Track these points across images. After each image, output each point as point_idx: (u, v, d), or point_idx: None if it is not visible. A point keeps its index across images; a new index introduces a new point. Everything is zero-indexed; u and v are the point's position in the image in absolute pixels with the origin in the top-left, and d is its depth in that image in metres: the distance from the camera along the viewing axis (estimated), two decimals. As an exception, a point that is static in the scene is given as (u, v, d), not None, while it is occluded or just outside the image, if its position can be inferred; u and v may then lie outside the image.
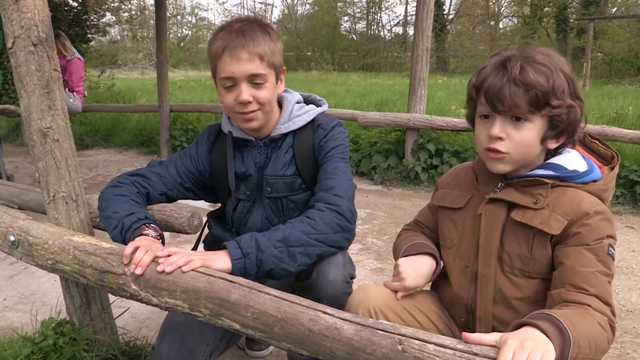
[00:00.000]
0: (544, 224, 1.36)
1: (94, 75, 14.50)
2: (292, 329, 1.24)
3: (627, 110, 7.94)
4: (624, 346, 2.50)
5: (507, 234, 1.43)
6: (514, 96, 1.32)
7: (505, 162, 1.41)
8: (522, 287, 1.42)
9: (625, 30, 26.51)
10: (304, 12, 44.95)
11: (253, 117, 1.74)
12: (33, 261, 1.80)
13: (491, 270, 1.45)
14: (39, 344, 1.90)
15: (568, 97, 1.35)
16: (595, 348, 1.14)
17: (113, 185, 1.80)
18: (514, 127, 1.37)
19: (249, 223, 1.91)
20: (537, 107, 1.33)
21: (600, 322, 1.19)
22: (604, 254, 1.31)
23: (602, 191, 1.41)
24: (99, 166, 6.96)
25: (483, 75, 1.39)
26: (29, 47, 1.65)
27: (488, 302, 1.47)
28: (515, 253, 1.41)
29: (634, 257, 3.65)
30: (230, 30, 1.69)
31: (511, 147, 1.38)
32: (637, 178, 4.78)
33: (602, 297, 1.25)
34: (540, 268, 1.39)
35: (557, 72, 1.34)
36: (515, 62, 1.34)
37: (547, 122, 1.36)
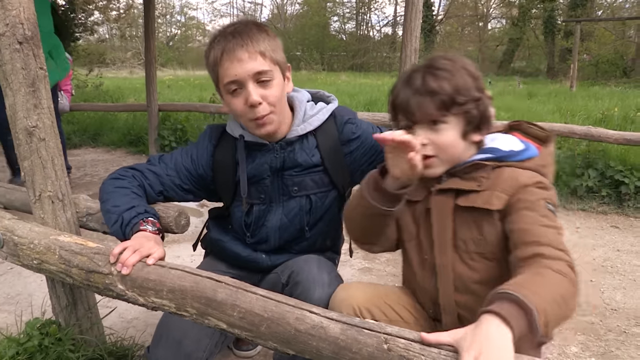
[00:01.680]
0: (486, 202, 1.43)
1: (82, 74, 14.38)
2: (278, 328, 1.25)
3: (613, 111, 8.01)
4: (608, 344, 2.52)
5: (457, 221, 1.49)
6: (422, 105, 1.44)
7: (435, 166, 1.49)
8: (481, 271, 1.47)
9: (611, 33, 26.78)
10: (293, 12, 44.98)
11: (267, 121, 1.68)
12: (18, 261, 1.79)
13: (448, 259, 1.50)
14: (24, 345, 1.88)
15: (474, 91, 1.45)
16: (564, 300, 1.16)
17: (114, 177, 1.78)
18: (433, 132, 1.46)
19: (266, 223, 1.87)
20: (446, 109, 1.43)
21: (559, 268, 1.20)
22: (544, 209, 1.37)
23: (540, 166, 1.48)
24: (87, 166, 6.92)
25: (395, 93, 1.53)
26: (14, 45, 1.64)
27: (450, 291, 1.52)
28: (468, 237, 1.47)
29: (619, 257, 3.69)
30: (225, 34, 1.65)
31: (436, 149, 1.46)
32: (622, 178, 4.82)
33: (554, 245, 1.28)
34: (494, 247, 1.44)
35: (460, 71, 1.45)
36: (417, 74, 1.47)
37: (462, 119, 1.46)
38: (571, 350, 2.47)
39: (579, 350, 2.47)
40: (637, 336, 2.60)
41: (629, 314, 2.83)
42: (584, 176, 5.01)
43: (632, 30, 28.04)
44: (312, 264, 1.73)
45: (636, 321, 2.75)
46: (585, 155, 5.21)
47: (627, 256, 3.71)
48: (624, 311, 2.87)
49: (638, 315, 2.82)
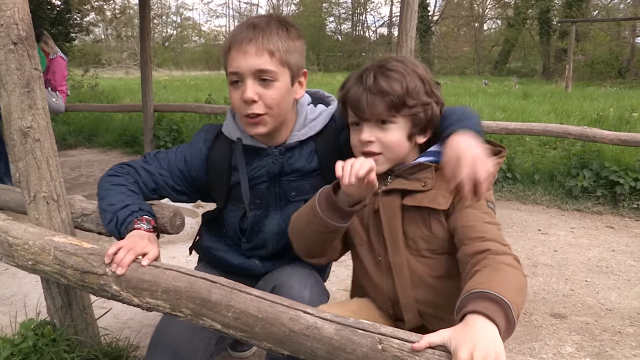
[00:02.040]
0: (433, 201, 1.47)
1: (77, 74, 14.35)
2: (272, 328, 1.25)
3: (608, 111, 8.05)
4: (603, 344, 2.53)
5: (406, 220, 1.52)
6: (372, 104, 1.48)
7: (380, 163, 1.52)
8: (435, 266, 1.52)
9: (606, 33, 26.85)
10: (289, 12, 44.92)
11: (259, 122, 1.62)
12: (13, 262, 1.78)
13: (402, 257, 1.54)
14: (18, 345, 1.88)
15: (424, 95, 1.49)
16: (522, 291, 1.22)
17: (110, 174, 1.76)
18: (381, 130, 1.51)
19: (263, 229, 1.82)
20: (396, 110, 1.47)
21: (510, 262, 1.27)
22: (485, 207, 1.45)
23: None
24: (82, 166, 6.91)
25: (346, 88, 1.56)
26: (9, 46, 1.64)
27: (408, 289, 1.55)
28: (417, 236, 1.51)
29: (614, 257, 3.70)
30: (245, 25, 1.61)
31: (382, 148, 1.51)
32: (617, 179, 4.84)
33: (497, 240, 1.35)
34: (444, 243, 1.49)
35: (411, 75, 1.49)
36: (369, 73, 1.51)
37: (410, 121, 1.50)
38: (566, 350, 2.48)
39: (573, 350, 2.47)
40: (631, 336, 2.61)
41: (623, 314, 2.84)
42: (579, 176, 5.02)
43: (627, 31, 28.12)
44: (294, 280, 1.70)
45: (631, 321, 2.76)
46: (581, 155, 5.23)
47: (621, 256, 3.72)
48: (618, 311, 2.88)
49: (632, 315, 2.83)
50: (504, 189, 5.38)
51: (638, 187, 4.79)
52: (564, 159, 5.41)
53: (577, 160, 5.22)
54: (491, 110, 9.47)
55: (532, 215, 4.73)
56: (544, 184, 5.35)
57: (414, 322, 1.57)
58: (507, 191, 5.35)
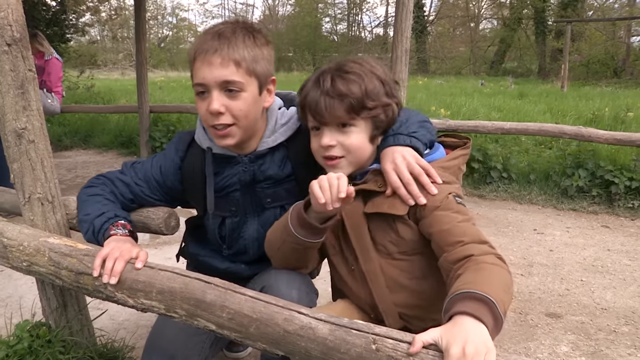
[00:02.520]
0: (391, 207, 1.46)
1: (73, 75, 14.32)
2: (267, 329, 1.25)
3: (604, 111, 8.07)
4: (598, 343, 2.54)
5: (372, 226, 1.52)
6: (331, 107, 1.46)
7: (342, 167, 1.52)
8: (408, 268, 1.51)
9: (601, 33, 26.91)
10: (284, 13, 44.97)
11: (227, 134, 1.59)
12: (8, 263, 1.78)
13: (374, 264, 1.53)
14: (13, 347, 1.87)
15: (384, 97, 1.48)
16: (508, 288, 1.21)
17: (87, 186, 1.77)
18: (341, 134, 1.49)
19: (243, 235, 1.81)
20: (355, 113, 1.46)
21: (493, 262, 1.25)
22: (455, 204, 1.42)
23: (442, 169, 1.50)
24: (78, 167, 6.90)
25: (304, 92, 1.54)
26: (3, 47, 1.64)
27: (385, 294, 1.54)
28: (386, 240, 1.50)
29: (609, 256, 3.71)
30: (209, 33, 1.56)
31: (344, 150, 1.50)
32: (612, 178, 4.85)
33: (476, 240, 1.33)
34: (414, 244, 1.48)
35: (369, 76, 1.47)
36: (326, 75, 1.48)
37: (370, 123, 1.49)
38: (561, 349, 2.48)
39: (569, 350, 2.48)
40: (626, 335, 2.62)
41: (618, 313, 2.85)
42: (575, 176, 5.03)
43: (622, 31, 28.18)
44: (281, 281, 1.66)
45: (626, 320, 2.77)
46: (576, 155, 5.24)
47: (617, 255, 3.73)
48: (614, 310, 2.89)
49: (628, 314, 2.84)
50: (500, 189, 5.39)
51: (633, 187, 4.80)
52: (559, 159, 5.43)
53: (572, 160, 5.23)
54: (487, 110, 9.48)
55: (528, 215, 4.74)
56: (539, 183, 5.36)
57: (395, 325, 1.55)
58: (503, 191, 5.36)
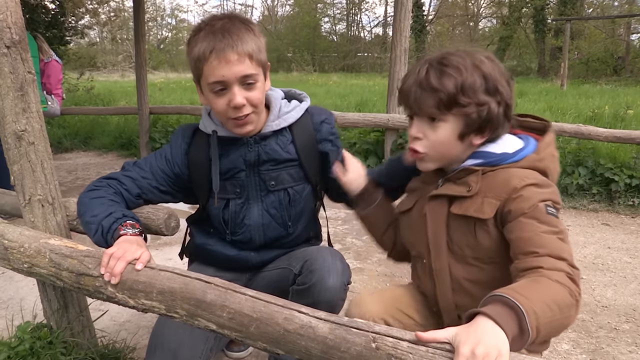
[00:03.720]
0: (478, 210, 1.40)
1: (72, 77, 14.34)
2: (267, 328, 1.25)
3: (603, 109, 8.04)
4: (599, 341, 2.54)
5: (452, 227, 1.48)
6: (420, 99, 1.41)
7: (427, 161, 1.49)
8: (478, 274, 1.46)
9: (601, 31, 26.90)
10: (284, 13, 44.98)
11: (247, 121, 1.70)
12: (9, 265, 1.78)
13: (443, 263, 1.50)
14: (15, 348, 1.88)
15: (482, 94, 1.38)
16: (558, 307, 1.14)
17: (89, 190, 1.77)
18: (430, 127, 1.44)
19: (246, 220, 1.86)
20: (445, 108, 1.39)
21: (558, 279, 1.18)
22: (544, 214, 1.32)
23: (536, 162, 1.45)
24: (78, 169, 6.91)
25: (404, 79, 1.48)
26: (2, 50, 1.64)
27: (448, 294, 1.52)
28: (463, 243, 1.45)
29: (610, 254, 3.71)
30: (213, 30, 1.60)
31: (428, 146, 1.45)
32: (613, 176, 4.85)
33: (554, 254, 1.24)
34: (491, 252, 1.42)
35: (470, 71, 1.38)
36: (423, 65, 1.42)
37: (461, 120, 1.40)
38: (562, 347, 2.49)
39: (570, 348, 2.48)
40: (627, 333, 2.62)
41: (619, 311, 2.85)
42: (575, 174, 5.04)
43: (621, 29, 28.17)
44: (325, 252, 1.75)
45: (626, 318, 2.77)
46: (576, 153, 5.24)
47: (617, 253, 3.74)
48: (614, 308, 2.89)
49: (628, 312, 2.84)
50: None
51: (633, 184, 4.81)
52: (559, 157, 5.42)
53: (572, 158, 5.23)
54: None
55: (528, 213, 4.72)
56: (539, 181, 5.35)
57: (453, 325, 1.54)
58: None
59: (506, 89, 1.41)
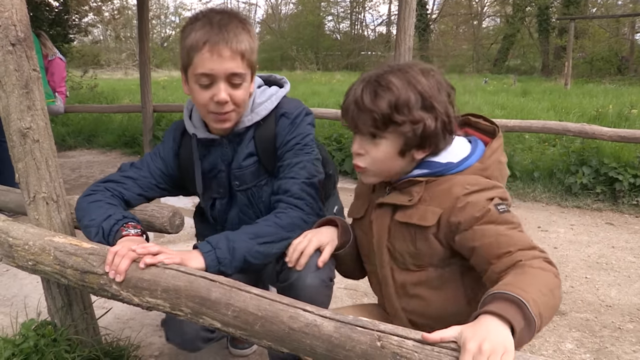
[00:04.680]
0: (421, 218, 1.42)
1: (76, 75, 14.35)
2: (272, 326, 1.25)
3: (607, 108, 8.03)
4: (603, 340, 2.53)
5: (393, 235, 1.50)
6: (357, 118, 1.43)
7: (369, 175, 1.50)
8: (420, 278, 1.49)
9: (605, 30, 26.82)
10: (287, 11, 44.97)
11: (227, 118, 1.71)
12: (13, 262, 1.79)
13: (386, 270, 1.53)
14: (19, 346, 1.88)
15: (418, 111, 1.38)
16: (550, 290, 1.17)
17: (86, 194, 1.78)
18: (371, 144, 1.45)
19: (228, 220, 1.92)
20: (382, 126, 1.40)
21: (540, 265, 1.22)
22: (497, 215, 1.34)
23: (480, 171, 1.46)
24: (82, 167, 6.91)
25: (345, 96, 1.49)
26: (7, 47, 1.64)
27: (394, 299, 1.55)
28: (404, 250, 1.48)
29: (614, 254, 3.70)
30: (210, 22, 1.61)
31: (369, 161, 1.47)
32: (617, 175, 4.84)
33: (524, 247, 1.27)
34: (430, 258, 1.45)
35: (404, 89, 1.38)
36: (359, 85, 1.43)
37: (400, 137, 1.41)
38: (566, 346, 2.48)
39: (574, 347, 2.48)
40: (631, 332, 2.61)
41: (623, 310, 2.84)
42: (579, 173, 5.03)
43: (626, 28, 28.10)
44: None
45: (630, 317, 2.77)
46: (580, 152, 5.23)
47: (621, 253, 3.73)
48: (618, 307, 2.88)
49: (632, 311, 2.83)
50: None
51: (637, 184, 4.80)
52: (563, 156, 5.41)
53: (576, 157, 5.22)
54: (490, 107, 9.46)
55: (532, 212, 4.73)
56: (543, 181, 5.35)
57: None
58: (507, 188, 5.33)
59: (443, 104, 1.42)
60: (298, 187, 1.72)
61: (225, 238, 1.55)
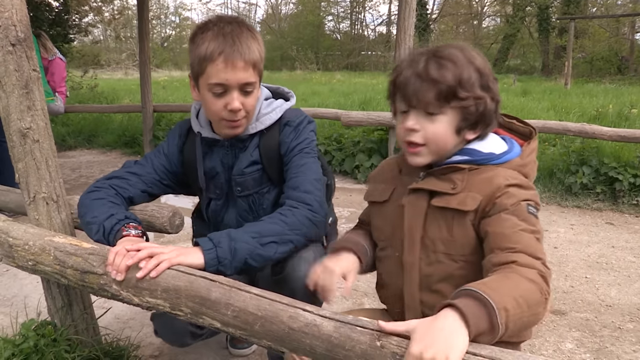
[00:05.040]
0: (461, 203, 1.39)
1: (76, 75, 14.34)
2: (272, 326, 1.25)
3: (607, 108, 8.02)
4: (603, 340, 2.53)
5: (429, 221, 1.46)
6: (421, 91, 1.38)
7: (422, 155, 1.46)
8: (447, 272, 1.45)
9: (605, 30, 26.81)
10: (287, 11, 44.97)
11: (239, 124, 1.76)
12: (13, 262, 1.79)
13: (415, 257, 1.48)
14: (19, 346, 1.88)
15: (478, 89, 1.39)
16: (527, 304, 1.14)
17: (90, 191, 1.79)
18: (427, 120, 1.41)
19: (224, 221, 1.93)
20: (445, 100, 1.38)
21: (529, 276, 1.19)
22: (525, 213, 1.33)
23: (520, 167, 1.45)
24: (82, 167, 6.92)
25: (397, 71, 1.45)
26: (7, 47, 1.64)
27: (414, 289, 1.50)
28: (437, 237, 1.44)
29: (614, 253, 3.70)
30: (223, 33, 1.65)
31: (427, 138, 1.42)
32: (617, 175, 4.84)
33: (529, 252, 1.25)
34: (463, 249, 1.42)
35: (467, 65, 1.38)
36: (421, 57, 1.40)
37: (459, 114, 1.40)
38: (566, 346, 2.48)
39: (574, 347, 2.48)
40: (631, 332, 2.61)
41: (623, 310, 2.84)
42: (579, 173, 5.03)
43: (626, 27, 28.10)
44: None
45: (630, 317, 2.77)
46: (580, 152, 5.23)
47: (621, 252, 3.73)
48: (618, 307, 2.88)
49: (632, 311, 2.83)
50: (504, 187, 5.37)
51: (637, 184, 4.80)
52: (563, 156, 5.41)
53: (576, 157, 5.22)
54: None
55: (532, 212, 4.72)
56: (543, 180, 5.35)
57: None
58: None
59: (496, 86, 1.44)
60: (308, 182, 1.74)
61: (227, 236, 1.54)
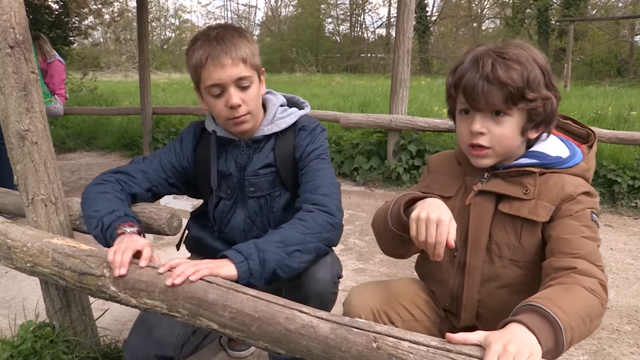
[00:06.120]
0: (532, 212, 1.37)
1: (76, 78, 14.35)
2: (268, 328, 1.26)
3: (607, 110, 8.03)
4: (601, 342, 2.54)
5: (495, 225, 1.44)
6: (489, 93, 1.35)
7: (488, 157, 1.44)
8: (509, 277, 1.44)
9: (605, 32, 26.81)
10: (287, 14, 44.96)
11: (244, 120, 1.77)
12: (12, 264, 1.79)
13: (479, 261, 1.46)
14: (17, 347, 1.89)
15: (544, 88, 1.37)
16: (590, 318, 1.14)
17: (96, 183, 1.79)
18: (494, 122, 1.40)
19: (231, 222, 1.93)
20: (513, 102, 1.36)
21: (590, 286, 1.18)
22: (588, 219, 1.34)
23: (585, 171, 1.45)
24: (82, 169, 6.92)
25: (460, 72, 1.42)
26: (6, 50, 1.65)
27: (474, 291, 1.49)
28: (504, 242, 1.42)
29: (612, 255, 3.71)
30: (209, 39, 1.71)
31: (493, 141, 1.41)
32: (615, 177, 4.84)
33: (589, 259, 1.25)
34: (529, 256, 1.40)
35: (531, 65, 1.36)
36: (487, 59, 1.37)
37: (526, 114, 1.39)
38: (564, 348, 2.48)
39: (571, 349, 2.48)
40: (629, 334, 2.62)
41: (621, 312, 2.85)
42: (577, 175, 5.02)
43: (625, 30, 28.11)
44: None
45: (628, 319, 2.77)
46: (579, 154, 5.22)
47: (620, 255, 3.73)
48: (616, 309, 2.89)
49: (630, 313, 2.84)
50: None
51: (636, 186, 4.80)
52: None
53: (575, 159, 5.21)
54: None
55: (531, 214, 4.71)
56: (542, 183, 5.34)
57: (469, 321, 1.53)
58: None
59: (556, 84, 1.42)
60: (325, 186, 1.77)
61: (255, 248, 1.53)
